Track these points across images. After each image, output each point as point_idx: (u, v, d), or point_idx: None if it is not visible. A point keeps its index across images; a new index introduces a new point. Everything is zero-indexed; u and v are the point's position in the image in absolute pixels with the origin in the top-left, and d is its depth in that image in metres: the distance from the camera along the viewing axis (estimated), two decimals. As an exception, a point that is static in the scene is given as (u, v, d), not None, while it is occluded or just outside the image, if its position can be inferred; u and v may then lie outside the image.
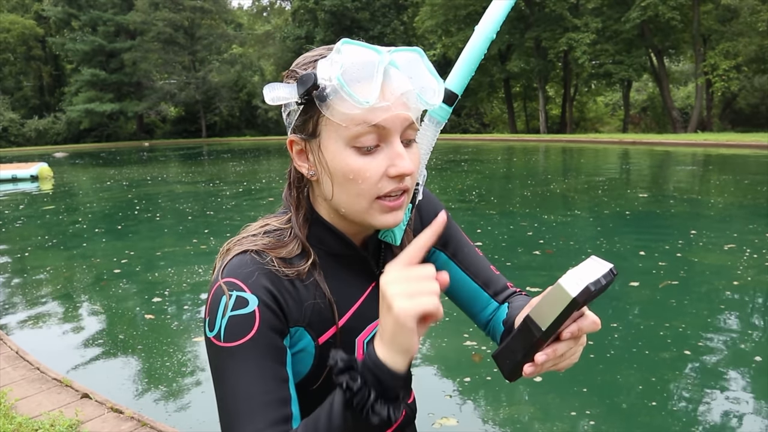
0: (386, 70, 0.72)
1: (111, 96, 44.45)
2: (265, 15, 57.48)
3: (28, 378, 3.45)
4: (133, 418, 2.92)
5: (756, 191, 10.32)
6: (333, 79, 0.71)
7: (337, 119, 0.73)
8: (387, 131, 0.73)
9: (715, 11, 29.35)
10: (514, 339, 0.70)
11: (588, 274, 0.64)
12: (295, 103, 0.76)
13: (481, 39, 0.84)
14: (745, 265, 5.57)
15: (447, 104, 0.84)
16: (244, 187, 13.77)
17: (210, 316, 0.75)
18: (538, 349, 0.69)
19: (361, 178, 0.74)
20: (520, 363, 0.70)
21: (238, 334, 0.72)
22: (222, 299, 0.74)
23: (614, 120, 41.38)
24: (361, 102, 0.70)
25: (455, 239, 1.02)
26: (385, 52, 0.73)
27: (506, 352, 0.71)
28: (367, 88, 0.70)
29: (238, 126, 47.87)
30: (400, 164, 0.74)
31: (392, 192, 0.75)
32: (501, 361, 0.72)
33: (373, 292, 0.87)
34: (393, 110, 0.72)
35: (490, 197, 11.00)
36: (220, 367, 0.74)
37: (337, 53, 0.71)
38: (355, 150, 0.74)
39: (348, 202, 0.77)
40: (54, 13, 45.43)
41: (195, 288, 5.61)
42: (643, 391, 3.35)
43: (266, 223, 0.85)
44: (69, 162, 26.14)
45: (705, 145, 21.35)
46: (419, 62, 0.76)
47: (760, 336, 4.15)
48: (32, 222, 10.13)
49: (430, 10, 34.31)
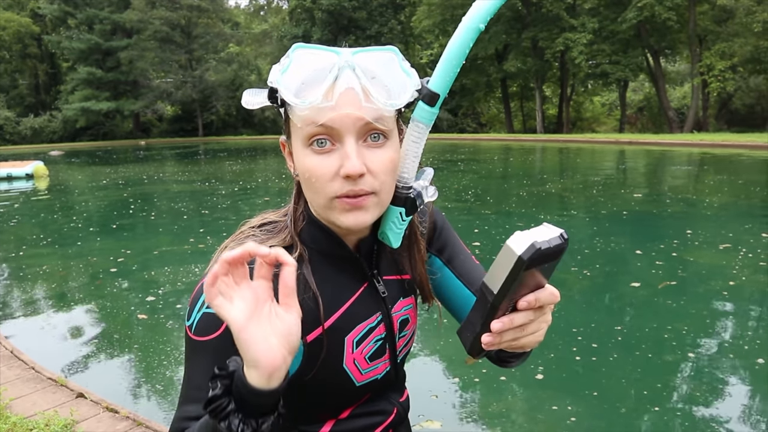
0: (340, 71, 0.74)
1: (107, 94, 44.31)
2: (262, 14, 57.40)
3: (23, 377, 3.43)
4: (128, 417, 2.91)
5: (750, 191, 10.36)
6: (277, 83, 0.74)
7: (295, 120, 0.76)
8: (337, 131, 0.75)
9: (711, 12, 29.45)
10: (473, 310, 0.70)
11: (536, 235, 0.62)
12: (275, 107, 0.79)
13: (462, 33, 0.78)
14: (740, 265, 5.59)
15: (428, 105, 0.79)
16: (239, 186, 13.75)
17: (190, 307, 0.80)
18: (494, 317, 0.68)
19: (315, 177, 0.76)
20: (479, 334, 0.69)
21: (205, 331, 0.77)
22: (202, 295, 0.77)
23: (611, 120, 41.49)
24: (301, 103, 0.73)
25: (451, 245, 1.02)
26: (346, 54, 0.74)
27: (466, 325, 0.71)
28: (316, 90, 0.73)
29: (234, 125, 47.78)
30: (347, 164, 0.74)
31: (348, 193, 0.76)
32: (462, 335, 0.72)
33: (364, 292, 0.89)
34: (339, 110, 0.73)
35: (486, 197, 11.00)
36: (187, 354, 0.81)
37: (286, 58, 0.75)
38: (310, 150, 0.76)
39: (312, 201, 0.81)
40: (50, 11, 45.23)
41: (190, 287, 5.59)
42: (647, 397, 3.35)
43: (264, 218, 0.88)
44: (65, 160, 26.05)
45: (701, 145, 21.40)
46: (391, 62, 0.77)
47: (764, 338, 4.16)
48: (27, 221, 10.09)
49: (427, 9, 34.33)
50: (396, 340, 0.93)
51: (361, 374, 0.88)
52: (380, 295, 0.90)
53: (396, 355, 0.94)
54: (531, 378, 3.49)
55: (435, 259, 1.01)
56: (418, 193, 0.84)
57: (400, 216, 0.84)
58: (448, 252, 1.01)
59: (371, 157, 0.76)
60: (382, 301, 0.91)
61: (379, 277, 0.91)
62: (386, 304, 0.91)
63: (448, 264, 1.01)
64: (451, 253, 1.01)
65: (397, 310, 0.93)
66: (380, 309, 0.90)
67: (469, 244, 6.49)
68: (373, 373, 0.90)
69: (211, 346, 0.77)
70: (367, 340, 0.88)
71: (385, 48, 0.77)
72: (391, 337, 0.92)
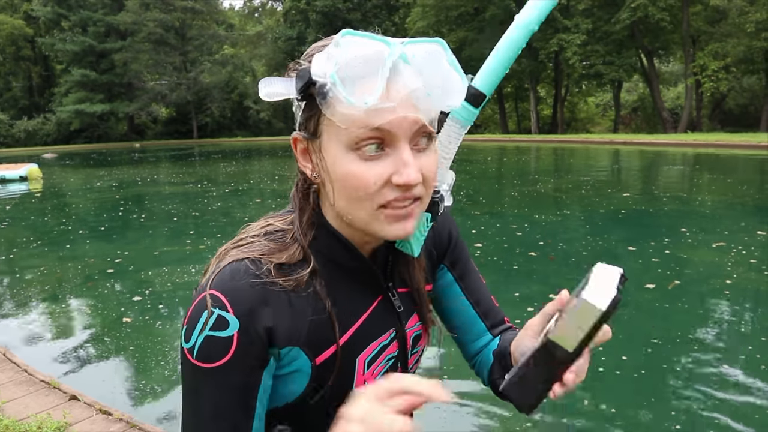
0: (395, 66, 0.64)
1: (101, 97, 44.25)
2: (257, 16, 57.43)
3: (16, 380, 3.40)
4: (122, 419, 2.88)
5: (740, 190, 10.40)
6: (327, 77, 0.63)
7: (338, 120, 0.65)
8: (392, 135, 0.65)
9: (704, 12, 29.60)
10: (531, 368, 0.64)
11: (606, 283, 0.61)
12: (296, 99, 0.69)
13: (516, 33, 0.75)
14: (733, 262, 5.60)
15: (472, 105, 0.75)
16: (231, 188, 13.72)
17: (188, 326, 0.69)
18: (563, 372, 0.64)
19: (361, 185, 0.67)
20: (542, 391, 0.65)
21: (211, 356, 0.68)
22: (203, 314, 0.68)
23: (605, 120, 41.60)
24: (358, 103, 0.62)
25: (463, 261, 0.96)
26: (397, 45, 0.65)
27: (523, 383, 0.65)
28: (369, 87, 0.63)
29: (229, 127, 47.76)
30: (405, 173, 0.66)
31: (397, 200, 0.68)
32: (517, 393, 0.66)
33: (378, 306, 0.81)
34: (399, 112, 0.64)
35: (479, 197, 11.00)
36: (190, 382, 0.71)
37: (336, 46, 0.64)
38: (356, 155, 0.66)
39: (350, 210, 0.70)
40: (43, 13, 45.13)
41: (183, 289, 5.57)
42: (642, 395, 3.35)
43: (268, 223, 0.78)
44: (59, 163, 25.93)
45: (695, 145, 21.50)
46: (440, 55, 0.68)
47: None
48: (19, 223, 10.02)
49: (421, 11, 34.42)
50: (408, 358, 0.86)
51: None
52: (396, 310, 0.83)
53: (408, 373, 0.86)
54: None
55: (447, 272, 0.95)
56: (441, 196, 0.79)
57: (426, 221, 0.78)
58: (460, 267, 0.96)
59: (421, 162, 0.68)
60: (396, 317, 0.83)
61: (394, 290, 0.83)
62: (401, 319, 0.83)
63: (459, 280, 0.95)
64: (463, 270, 0.96)
65: (410, 326, 0.86)
66: (394, 325, 0.83)
67: (470, 245, 6.50)
68: None
69: (221, 374, 0.68)
70: (379, 359, 0.81)
71: (432, 39, 0.68)
72: (403, 355, 0.85)
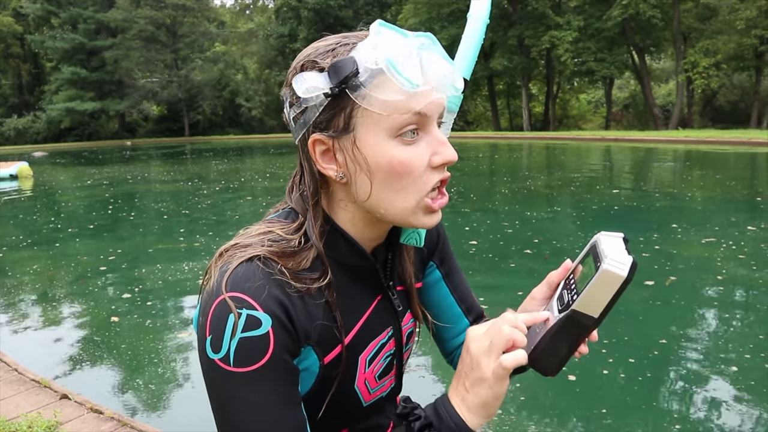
0: (419, 53, 0.67)
1: (92, 94, 43.95)
2: (248, 13, 57.19)
3: (6, 379, 3.38)
4: (113, 418, 2.87)
5: (730, 186, 10.48)
6: (380, 62, 0.65)
7: (377, 109, 0.66)
8: (427, 118, 0.68)
9: (695, 9, 29.76)
10: (557, 337, 0.69)
11: (619, 250, 0.66)
12: (322, 96, 0.68)
13: (478, 23, 0.84)
14: (722, 257, 5.64)
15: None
16: (222, 186, 13.68)
17: (213, 335, 0.65)
18: (586, 338, 0.70)
19: (410, 171, 0.68)
20: (566, 357, 0.71)
21: (251, 358, 0.65)
22: (229, 318, 0.65)
23: (597, 117, 41.78)
24: (413, 85, 0.65)
25: (449, 258, 0.98)
26: (411, 35, 0.69)
27: (548, 351, 0.70)
28: (411, 72, 0.66)
29: (221, 124, 47.60)
30: (446, 152, 0.70)
31: (443, 180, 0.72)
32: (542, 362, 0.71)
33: (378, 305, 0.82)
34: (433, 95, 0.68)
35: (470, 194, 11.03)
36: (229, 393, 0.66)
37: (378, 35, 0.66)
38: (399, 141, 0.68)
39: (391, 202, 0.71)
40: (33, 10, 44.75)
41: (175, 286, 5.55)
42: (638, 392, 3.37)
43: (269, 230, 0.74)
44: (49, 161, 25.76)
45: (686, 141, 21.64)
46: (436, 46, 0.71)
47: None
48: (8, 221, 9.95)
49: (413, 8, 34.39)
50: (402, 354, 0.88)
51: (369, 394, 0.82)
52: (394, 308, 0.84)
53: (402, 370, 0.88)
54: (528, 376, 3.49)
55: (436, 270, 0.97)
56: None
57: None
58: (446, 265, 0.97)
59: None
60: (395, 315, 0.84)
61: (393, 288, 0.85)
62: (398, 317, 0.85)
63: (445, 278, 0.97)
64: (449, 267, 0.98)
65: (405, 323, 0.87)
66: (392, 323, 0.84)
67: (466, 242, 6.52)
68: (380, 391, 0.84)
69: (268, 372, 0.66)
70: (378, 357, 0.82)
71: (423, 34, 0.71)
72: (399, 352, 0.86)
